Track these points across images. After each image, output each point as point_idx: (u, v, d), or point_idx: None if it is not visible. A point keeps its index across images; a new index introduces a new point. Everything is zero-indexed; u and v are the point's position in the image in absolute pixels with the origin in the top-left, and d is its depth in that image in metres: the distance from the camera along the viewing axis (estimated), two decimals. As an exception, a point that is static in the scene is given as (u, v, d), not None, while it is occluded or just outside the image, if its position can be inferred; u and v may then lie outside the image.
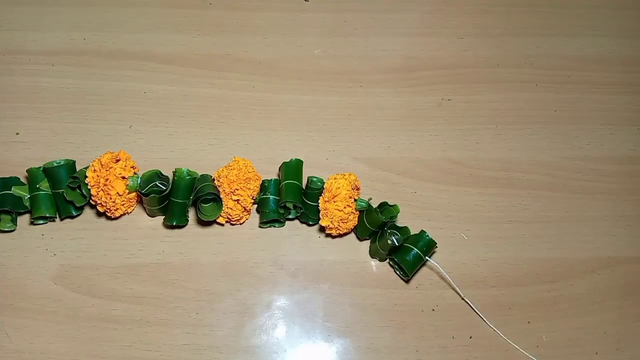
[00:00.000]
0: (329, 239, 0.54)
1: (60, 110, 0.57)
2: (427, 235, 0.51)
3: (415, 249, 0.50)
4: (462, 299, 0.51)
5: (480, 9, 0.66)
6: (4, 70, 0.58)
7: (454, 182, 0.57)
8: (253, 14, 0.63)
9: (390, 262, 0.53)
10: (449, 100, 0.61)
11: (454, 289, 0.51)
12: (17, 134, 0.55)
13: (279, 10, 0.64)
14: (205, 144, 0.56)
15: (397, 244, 0.50)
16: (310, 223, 0.54)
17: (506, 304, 0.53)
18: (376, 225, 0.51)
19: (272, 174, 0.55)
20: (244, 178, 0.50)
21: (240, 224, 0.54)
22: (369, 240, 0.54)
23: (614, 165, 0.60)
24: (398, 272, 0.53)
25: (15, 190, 0.51)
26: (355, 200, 0.51)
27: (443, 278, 0.52)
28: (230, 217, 0.52)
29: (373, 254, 0.53)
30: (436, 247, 0.51)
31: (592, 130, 0.61)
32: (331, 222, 0.51)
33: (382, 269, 0.53)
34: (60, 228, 0.52)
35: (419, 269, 0.52)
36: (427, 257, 0.51)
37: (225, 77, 0.60)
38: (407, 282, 0.53)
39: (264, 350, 0.50)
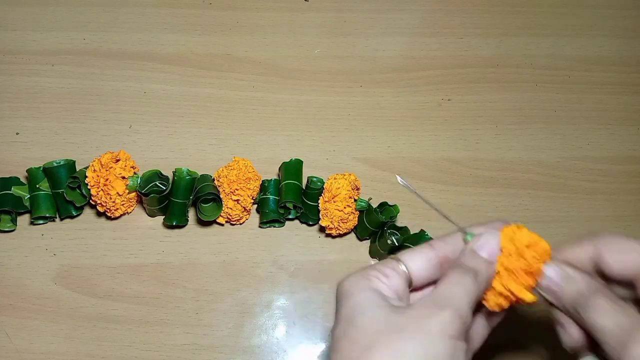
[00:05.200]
0: (329, 239, 0.54)
1: (60, 110, 0.57)
2: (427, 235, 0.51)
3: (415, 249, 0.50)
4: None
5: (480, 9, 0.66)
6: (4, 70, 0.58)
7: (453, 182, 0.57)
8: (253, 14, 0.63)
9: (390, 262, 0.53)
10: (448, 100, 0.61)
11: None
12: (17, 134, 0.55)
13: (278, 10, 0.63)
14: (205, 144, 0.56)
15: (397, 244, 0.50)
16: (310, 223, 0.54)
17: (506, 304, 0.53)
18: (376, 225, 0.51)
19: (272, 174, 0.55)
20: (244, 178, 0.50)
21: (240, 224, 0.54)
22: (369, 240, 0.54)
23: (613, 165, 0.59)
24: (398, 272, 0.52)
25: (15, 190, 0.51)
26: (355, 200, 0.51)
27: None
28: (230, 217, 0.52)
29: (373, 254, 0.53)
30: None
31: (592, 130, 0.61)
32: (331, 222, 0.51)
33: (382, 269, 0.53)
34: (60, 228, 0.52)
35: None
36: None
37: (225, 77, 0.60)
38: (407, 282, 0.53)
39: (264, 350, 0.50)
